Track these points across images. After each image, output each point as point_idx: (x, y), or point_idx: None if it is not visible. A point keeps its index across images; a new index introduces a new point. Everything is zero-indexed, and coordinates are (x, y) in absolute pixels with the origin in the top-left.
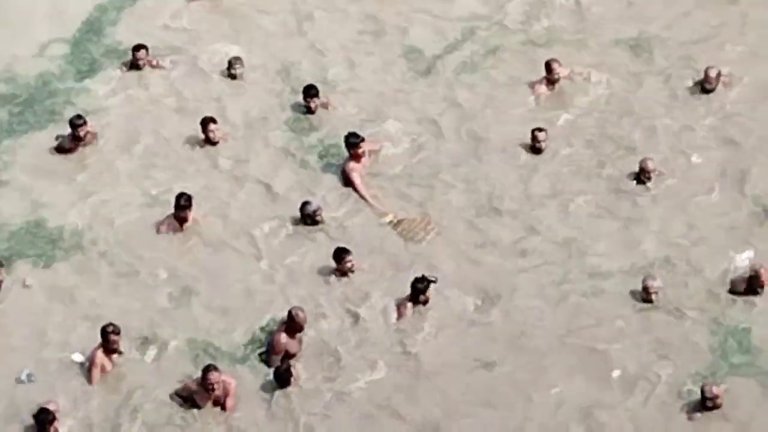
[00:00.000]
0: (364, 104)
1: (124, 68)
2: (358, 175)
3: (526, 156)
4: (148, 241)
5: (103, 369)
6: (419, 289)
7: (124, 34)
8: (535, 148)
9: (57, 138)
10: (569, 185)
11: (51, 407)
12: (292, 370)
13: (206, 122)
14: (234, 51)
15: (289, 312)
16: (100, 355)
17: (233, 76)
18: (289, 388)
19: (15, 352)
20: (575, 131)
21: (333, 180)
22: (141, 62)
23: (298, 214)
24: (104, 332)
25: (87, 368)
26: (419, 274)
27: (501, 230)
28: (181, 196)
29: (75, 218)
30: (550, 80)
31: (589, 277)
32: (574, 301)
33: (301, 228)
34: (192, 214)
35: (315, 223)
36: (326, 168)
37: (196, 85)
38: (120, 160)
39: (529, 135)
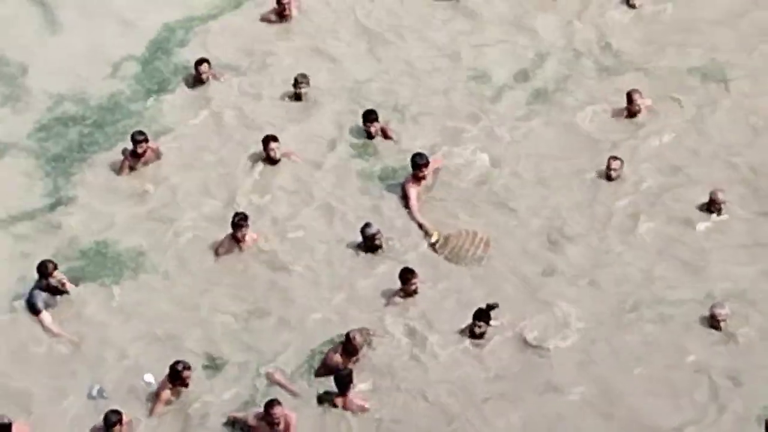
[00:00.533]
0: (430, 129)
1: (188, 84)
2: (415, 194)
3: (598, 183)
4: (208, 261)
5: (168, 402)
6: (482, 318)
7: (192, 53)
8: (608, 176)
9: (123, 152)
10: (640, 212)
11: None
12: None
13: (268, 141)
14: (301, 69)
15: (347, 335)
16: (167, 391)
17: (298, 96)
18: (344, 412)
19: (82, 368)
20: (647, 159)
21: (394, 201)
22: (204, 76)
23: (357, 236)
24: (174, 370)
25: (154, 394)
26: (482, 305)
27: (567, 256)
28: (236, 216)
29: (139, 238)
30: (631, 111)
31: (658, 304)
32: (642, 329)
33: (361, 251)
34: (250, 234)
35: (375, 246)
36: (388, 190)
37: (260, 103)
38: (182, 177)
39: (604, 163)
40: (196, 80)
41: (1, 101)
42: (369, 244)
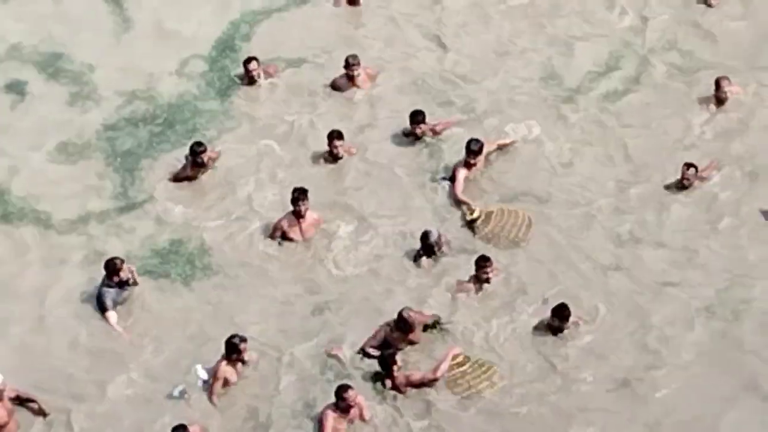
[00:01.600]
0: (493, 127)
1: (241, 83)
2: (463, 177)
3: (672, 189)
4: (273, 257)
5: (226, 383)
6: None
7: (258, 50)
8: (682, 185)
9: (186, 158)
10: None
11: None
12: (397, 358)
13: (332, 137)
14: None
15: (399, 312)
16: (223, 367)
17: (351, 77)
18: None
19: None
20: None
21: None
22: (255, 73)
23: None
24: (230, 343)
25: (209, 382)
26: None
27: (641, 258)
28: (295, 191)
29: (210, 237)
30: (719, 98)
31: (741, 303)
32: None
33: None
34: (310, 213)
35: (435, 252)
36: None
37: (323, 98)
38: (244, 179)
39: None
40: (248, 78)
41: (70, 101)
42: (431, 251)
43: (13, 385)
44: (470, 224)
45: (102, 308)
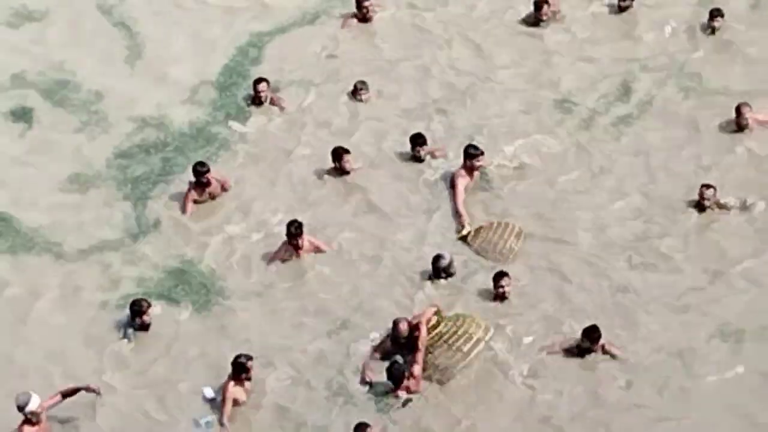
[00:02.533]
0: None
1: (249, 103)
2: (463, 185)
3: (690, 211)
4: (283, 276)
5: (236, 402)
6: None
7: (267, 73)
8: (701, 206)
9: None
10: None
11: None
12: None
13: (340, 153)
14: (377, 79)
15: (393, 321)
16: (232, 388)
17: (360, 100)
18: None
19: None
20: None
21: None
22: (263, 95)
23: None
24: (237, 363)
25: (219, 402)
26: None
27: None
28: (292, 224)
29: (221, 261)
30: (740, 124)
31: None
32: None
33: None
34: (308, 239)
35: (449, 276)
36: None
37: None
38: (255, 202)
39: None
40: (256, 100)
41: (79, 128)
42: (443, 275)
43: (46, 403)
44: (463, 239)
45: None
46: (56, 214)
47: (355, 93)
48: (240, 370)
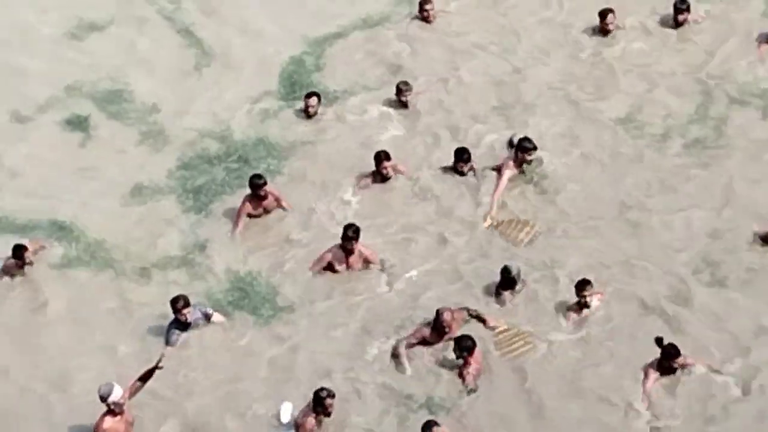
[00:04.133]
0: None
1: (302, 115)
2: (509, 175)
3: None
4: (342, 290)
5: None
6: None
7: (328, 79)
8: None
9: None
10: None
11: None
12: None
13: (381, 158)
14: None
15: (437, 311)
16: (311, 420)
17: (403, 103)
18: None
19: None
20: None
21: None
22: (311, 110)
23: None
24: (318, 397)
25: (296, 423)
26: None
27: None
28: (350, 227)
29: (282, 272)
30: None
31: None
32: None
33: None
34: (360, 245)
35: (515, 287)
36: None
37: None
38: (312, 212)
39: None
40: (306, 113)
41: (139, 139)
42: (509, 285)
43: (127, 392)
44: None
45: (166, 341)
46: (117, 227)
47: (399, 94)
48: (319, 403)
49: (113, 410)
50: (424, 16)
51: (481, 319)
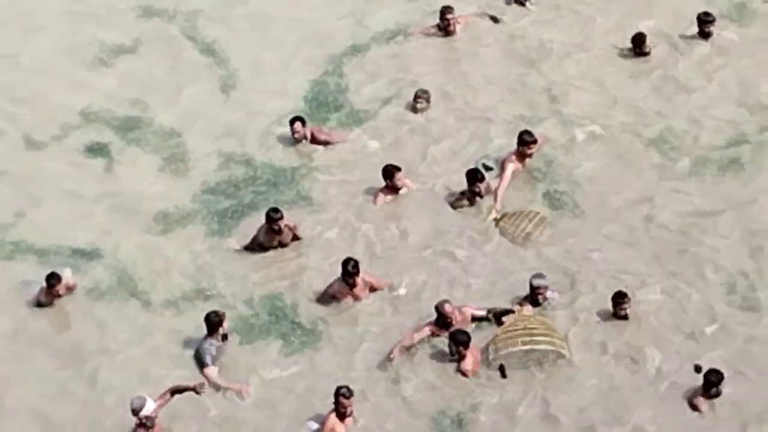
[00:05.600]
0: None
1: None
2: (512, 168)
3: None
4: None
5: None
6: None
7: (353, 98)
8: None
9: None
10: None
11: None
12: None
13: (392, 171)
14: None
15: (437, 305)
16: (332, 419)
17: (416, 110)
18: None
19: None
20: None
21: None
22: (297, 135)
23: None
24: (338, 396)
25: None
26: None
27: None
28: (348, 262)
29: (308, 297)
30: None
31: None
32: None
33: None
34: (362, 277)
35: (538, 299)
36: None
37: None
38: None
39: None
40: (293, 139)
41: (161, 165)
42: (534, 297)
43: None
44: (495, 221)
45: (201, 364)
46: (142, 255)
47: (415, 100)
48: (336, 400)
49: (145, 424)
50: (445, 26)
51: (499, 321)
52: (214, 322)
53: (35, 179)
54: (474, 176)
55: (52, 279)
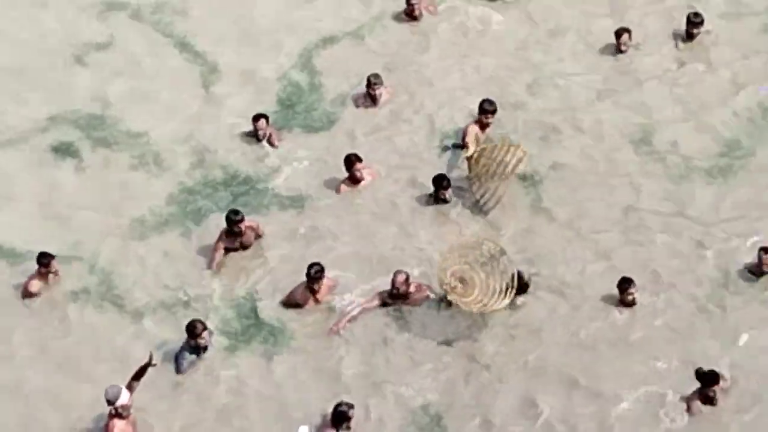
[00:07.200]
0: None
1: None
2: (474, 135)
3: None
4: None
5: None
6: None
7: (323, 93)
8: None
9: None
10: None
11: None
12: None
13: (352, 161)
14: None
15: (394, 273)
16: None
17: (372, 97)
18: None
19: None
20: None
21: None
22: (260, 133)
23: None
24: (338, 412)
25: None
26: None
27: None
28: (312, 267)
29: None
30: None
31: None
32: None
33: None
34: (326, 282)
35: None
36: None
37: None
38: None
39: None
40: (256, 136)
41: (134, 165)
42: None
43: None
44: (468, 161)
45: (177, 370)
46: (123, 260)
47: (369, 87)
48: (341, 419)
49: (120, 413)
50: (410, 11)
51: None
52: (192, 330)
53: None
54: (440, 183)
55: (44, 258)
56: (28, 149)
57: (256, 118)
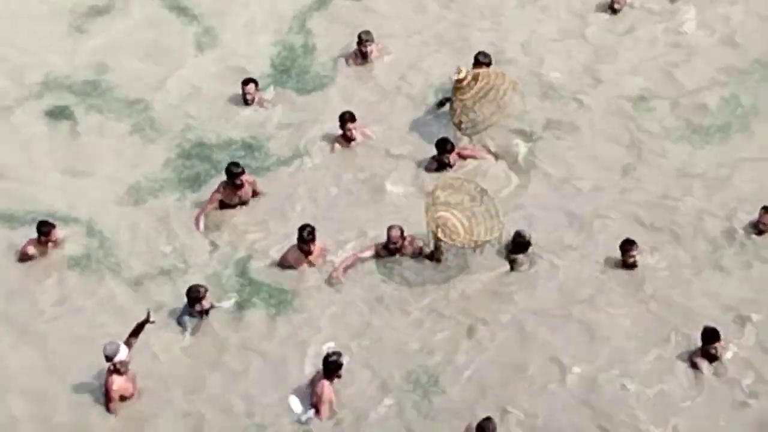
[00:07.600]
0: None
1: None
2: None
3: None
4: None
5: (331, 402)
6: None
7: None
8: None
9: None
10: None
11: None
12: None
13: (346, 120)
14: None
15: (388, 228)
16: (327, 388)
17: (364, 54)
18: None
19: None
20: None
21: None
22: (248, 97)
23: None
24: (330, 362)
25: (316, 395)
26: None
27: None
28: (304, 228)
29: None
30: None
31: None
32: None
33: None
34: (318, 245)
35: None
36: None
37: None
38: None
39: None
40: (244, 100)
41: (130, 131)
42: (523, 249)
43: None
44: (457, 84)
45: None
46: (123, 226)
47: (360, 44)
48: (333, 368)
49: (119, 369)
50: None
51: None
52: (193, 296)
53: None
54: (444, 146)
55: (45, 227)
56: (23, 114)
57: (246, 82)
